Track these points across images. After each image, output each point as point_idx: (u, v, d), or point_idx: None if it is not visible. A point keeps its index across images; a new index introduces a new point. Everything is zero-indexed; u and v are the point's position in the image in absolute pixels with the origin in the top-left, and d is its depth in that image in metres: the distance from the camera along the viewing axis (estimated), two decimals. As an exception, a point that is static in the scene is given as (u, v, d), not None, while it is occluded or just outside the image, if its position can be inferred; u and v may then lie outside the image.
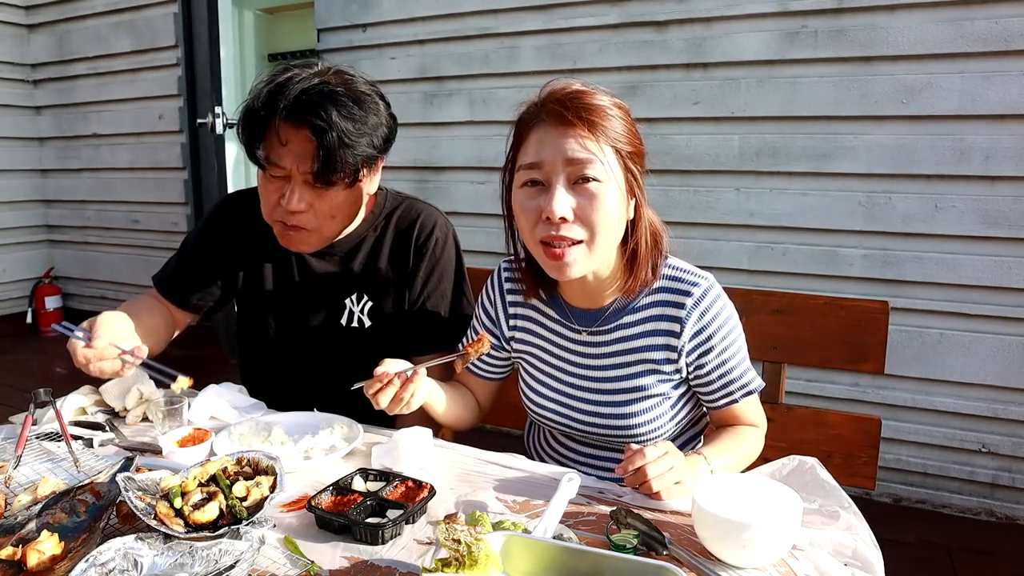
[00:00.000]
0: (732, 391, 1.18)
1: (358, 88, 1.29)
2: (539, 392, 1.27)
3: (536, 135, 1.08)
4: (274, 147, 1.25)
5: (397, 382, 1.08)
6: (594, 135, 1.04)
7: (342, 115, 1.23)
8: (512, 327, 1.30)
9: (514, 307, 1.30)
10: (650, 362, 1.17)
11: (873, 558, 0.88)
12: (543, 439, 1.37)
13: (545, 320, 1.26)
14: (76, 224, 4.68)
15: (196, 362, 3.71)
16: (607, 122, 1.06)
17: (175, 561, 0.79)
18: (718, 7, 2.57)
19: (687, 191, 2.69)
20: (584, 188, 1.05)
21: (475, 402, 1.38)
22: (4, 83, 4.48)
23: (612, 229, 1.08)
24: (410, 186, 3.17)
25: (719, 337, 1.15)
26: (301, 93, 1.23)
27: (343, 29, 3.33)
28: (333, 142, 1.22)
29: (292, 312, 1.46)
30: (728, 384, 1.17)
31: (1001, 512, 2.45)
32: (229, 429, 1.19)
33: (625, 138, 1.08)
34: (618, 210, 1.07)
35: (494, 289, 1.32)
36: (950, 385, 2.44)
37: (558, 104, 1.06)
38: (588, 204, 1.05)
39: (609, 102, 1.08)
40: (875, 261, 2.47)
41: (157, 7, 4.08)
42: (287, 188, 1.27)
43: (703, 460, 1.09)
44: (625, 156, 1.07)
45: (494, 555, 0.78)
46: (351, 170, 1.27)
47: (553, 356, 1.25)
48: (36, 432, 1.20)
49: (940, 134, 2.34)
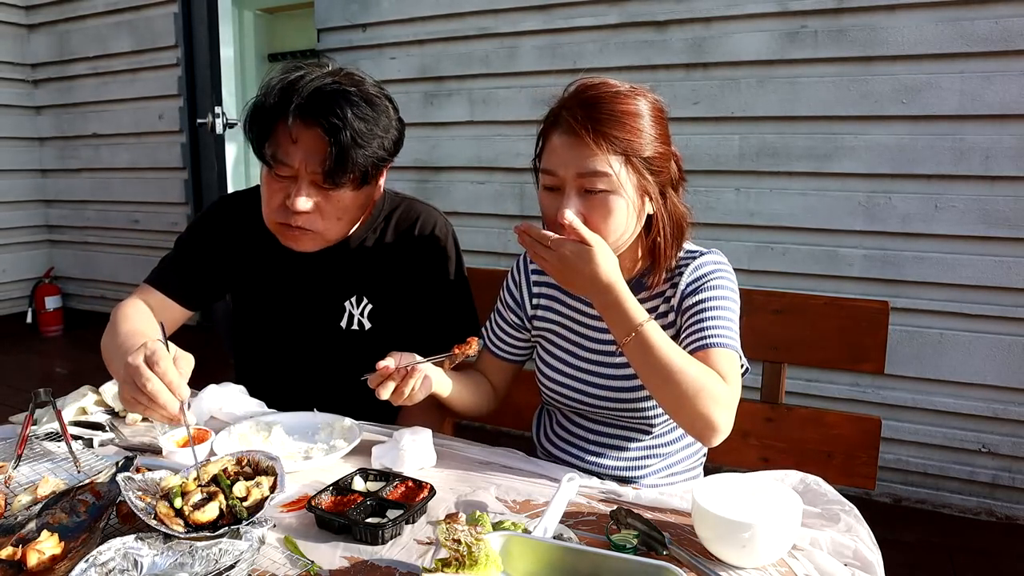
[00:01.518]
0: (706, 336, 1.11)
1: (368, 90, 1.28)
2: (555, 367, 1.28)
3: (552, 142, 1.13)
4: (283, 145, 1.24)
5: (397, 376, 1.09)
6: (603, 149, 1.07)
7: (356, 115, 1.22)
8: (535, 306, 1.33)
9: (538, 287, 1.33)
10: None
11: (873, 559, 0.88)
12: (555, 423, 1.36)
13: (566, 299, 1.30)
14: (76, 224, 4.68)
15: (196, 362, 3.70)
16: (620, 131, 1.08)
17: (175, 561, 0.79)
18: (718, 7, 2.57)
19: (687, 191, 2.68)
20: (592, 198, 1.10)
21: (490, 388, 1.39)
22: (4, 83, 4.48)
23: (619, 234, 1.12)
24: (410, 186, 3.17)
25: (707, 288, 1.15)
26: (315, 92, 1.22)
27: (343, 29, 3.33)
28: (347, 142, 1.21)
29: (291, 315, 1.45)
30: (703, 328, 1.12)
31: (1001, 512, 2.45)
32: (229, 429, 1.19)
33: (643, 144, 1.10)
34: (626, 217, 1.11)
35: (520, 272, 1.36)
36: (950, 385, 2.44)
37: (572, 113, 1.09)
38: (596, 213, 1.10)
39: (633, 105, 1.11)
40: (875, 261, 2.47)
41: (157, 7, 4.07)
42: (293, 188, 1.26)
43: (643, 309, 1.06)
44: (638, 163, 1.10)
45: (494, 555, 0.78)
46: (361, 171, 1.26)
47: (572, 332, 1.28)
48: (36, 432, 1.19)
49: (940, 134, 2.34)
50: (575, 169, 1.09)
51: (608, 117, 1.08)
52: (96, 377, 1.44)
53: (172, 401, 0.93)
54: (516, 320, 1.35)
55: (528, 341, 1.37)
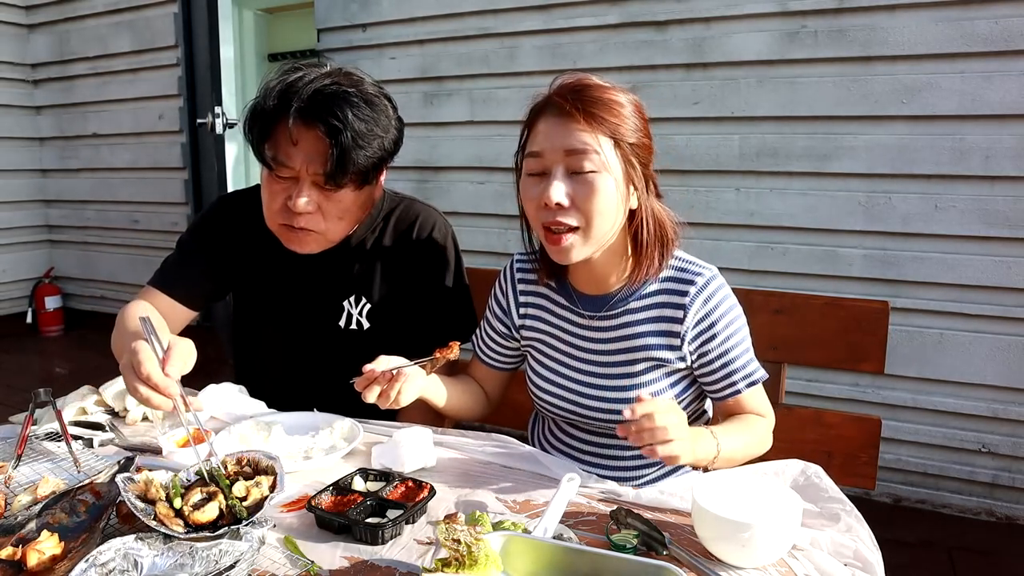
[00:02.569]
0: (735, 380, 1.18)
1: (368, 90, 1.28)
2: (545, 378, 1.28)
3: (541, 125, 1.13)
4: (284, 147, 1.24)
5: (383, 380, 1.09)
6: (592, 127, 1.08)
7: (356, 116, 1.23)
8: (523, 315, 1.32)
9: (525, 296, 1.32)
10: (654, 347, 1.18)
11: (873, 559, 0.88)
12: (547, 431, 1.36)
13: (554, 308, 1.28)
14: (76, 224, 4.68)
15: (196, 362, 3.70)
16: (607, 114, 1.09)
17: (175, 562, 0.79)
18: (718, 7, 2.57)
19: (687, 191, 2.69)
20: (581, 178, 1.09)
21: (483, 394, 1.39)
22: (4, 83, 4.48)
23: (607, 217, 1.11)
24: (410, 186, 3.17)
25: (722, 325, 1.16)
26: (315, 93, 1.22)
27: (343, 29, 3.33)
28: (348, 143, 1.21)
29: (290, 315, 1.45)
30: (731, 374, 1.18)
31: (1001, 512, 2.45)
32: (229, 429, 1.19)
33: (628, 130, 1.10)
34: (613, 200, 1.10)
35: (507, 280, 1.35)
36: (950, 385, 2.44)
37: (562, 96, 1.10)
38: (583, 193, 1.09)
39: (617, 96, 1.11)
40: (875, 261, 2.47)
41: (157, 7, 4.07)
42: (294, 189, 1.26)
43: (709, 433, 1.08)
44: (626, 148, 1.10)
45: (494, 555, 0.78)
46: (362, 172, 1.27)
47: (561, 342, 1.27)
48: (36, 432, 1.19)
49: (940, 134, 2.34)
50: (563, 147, 1.09)
51: (596, 100, 1.09)
52: (96, 377, 1.44)
53: (164, 402, 0.97)
54: (504, 329, 1.34)
55: (517, 349, 1.36)
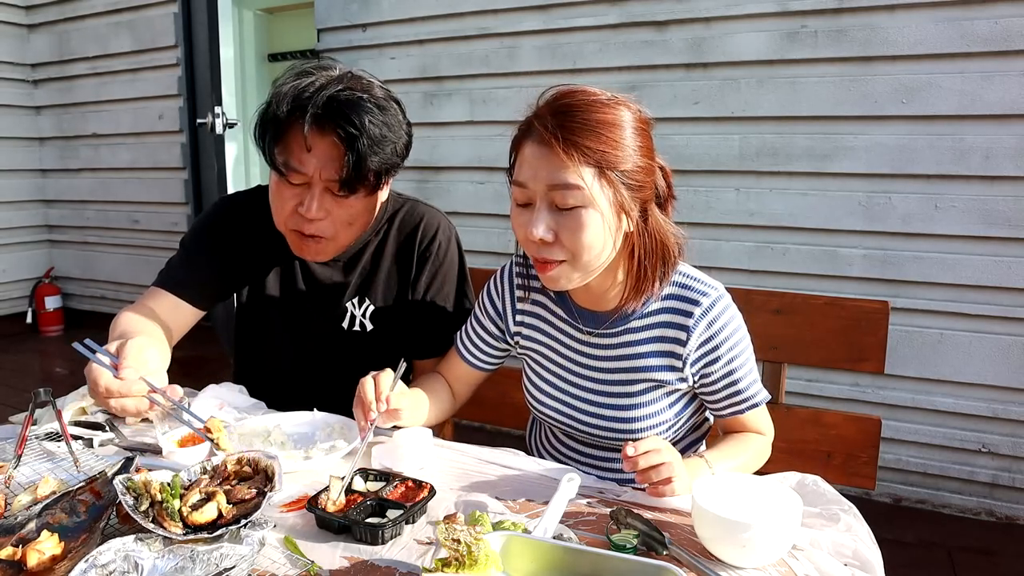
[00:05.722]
0: (737, 403, 1.18)
1: (378, 94, 1.27)
2: (543, 390, 1.27)
3: (525, 152, 1.07)
4: (297, 153, 1.23)
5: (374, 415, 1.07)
6: (574, 160, 1.00)
7: (372, 122, 1.21)
8: (519, 323, 1.30)
9: (522, 303, 1.29)
10: (654, 368, 1.17)
11: (873, 559, 0.88)
12: (545, 437, 1.37)
13: (553, 319, 1.26)
14: (76, 224, 4.68)
15: (196, 362, 3.71)
16: (592, 142, 1.01)
17: (176, 565, 0.79)
18: (718, 7, 2.57)
19: (687, 191, 2.69)
20: (565, 213, 1.04)
21: (450, 397, 1.36)
22: (4, 83, 4.48)
23: (594, 250, 1.05)
24: (410, 186, 3.17)
25: (726, 348, 1.14)
26: (330, 99, 1.20)
27: (343, 29, 3.33)
28: (364, 150, 1.20)
29: (294, 316, 1.45)
30: (734, 395, 1.17)
31: (1001, 512, 2.45)
32: (229, 429, 1.18)
33: (618, 156, 1.02)
34: (600, 232, 1.04)
35: (502, 284, 1.31)
36: (950, 385, 2.44)
37: (543, 122, 1.03)
38: (568, 228, 1.04)
39: (608, 115, 1.03)
40: (875, 261, 2.47)
41: (157, 7, 4.08)
42: (306, 195, 1.25)
43: (703, 463, 1.09)
44: (613, 176, 1.02)
45: (494, 555, 0.78)
46: (375, 178, 1.26)
47: (559, 355, 1.25)
48: (36, 432, 1.19)
49: (940, 134, 2.34)
50: (545, 181, 1.02)
51: (581, 126, 1.01)
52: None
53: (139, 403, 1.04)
54: (496, 331, 1.32)
55: (506, 351, 1.34)
